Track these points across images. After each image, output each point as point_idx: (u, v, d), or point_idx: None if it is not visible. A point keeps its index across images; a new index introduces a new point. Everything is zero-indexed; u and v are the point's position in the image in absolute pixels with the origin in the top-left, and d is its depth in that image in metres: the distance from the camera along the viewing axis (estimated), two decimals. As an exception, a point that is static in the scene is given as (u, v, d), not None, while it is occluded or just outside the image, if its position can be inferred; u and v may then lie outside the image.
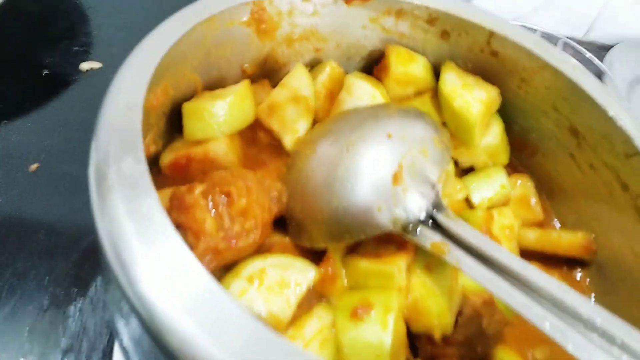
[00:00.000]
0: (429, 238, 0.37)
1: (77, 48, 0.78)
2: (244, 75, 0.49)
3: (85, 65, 0.75)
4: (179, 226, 0.36)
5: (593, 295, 0.46)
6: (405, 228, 0.38)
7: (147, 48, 0.38)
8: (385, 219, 0.38)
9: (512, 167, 0.52)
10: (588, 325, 0.29)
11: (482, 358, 0.41)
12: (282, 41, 0.49)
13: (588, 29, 1.09)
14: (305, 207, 0.41)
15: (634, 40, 1.07)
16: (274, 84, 0.50)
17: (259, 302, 0.37)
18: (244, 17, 0.45)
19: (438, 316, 0.38)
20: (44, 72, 0.73)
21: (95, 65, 0.76)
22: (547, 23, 1.05)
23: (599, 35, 1.08)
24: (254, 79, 0.50)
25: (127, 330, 0.31)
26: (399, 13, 0.49)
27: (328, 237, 0.40)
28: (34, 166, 0.62)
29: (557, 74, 0.46)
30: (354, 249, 0.41)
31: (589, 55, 0.93)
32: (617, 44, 1.06)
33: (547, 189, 0.51)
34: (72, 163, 0.63)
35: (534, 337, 0.42)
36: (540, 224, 0.50)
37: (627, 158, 0.43)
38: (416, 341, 0.40)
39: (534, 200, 0.50)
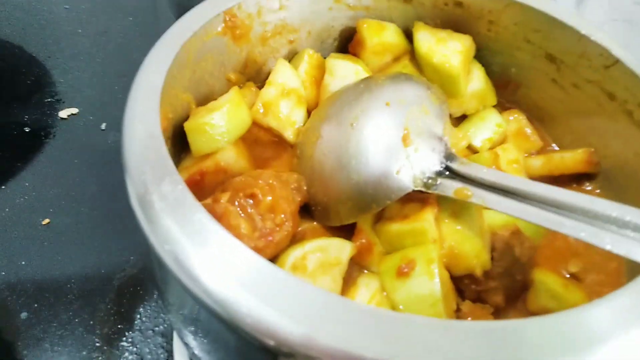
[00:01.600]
0: (451, 187, 0.40)
1: (49, 99, 0.78)
2: (230, 84, 0.51)
3: (63, 114, 0.76)
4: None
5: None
6: (425, 184, 0.40)
7: (146, 78, 0.39)
8: (405, 180, 0.40)
9: (500, 106, 0.54)
10: (620, 224, 0.32)
11: (522, 284, 0.43)
12: (257, 42, 0.51)
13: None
14: (327, 190, 0.43)
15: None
16: (259, 84, 0.52)
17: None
18: (219, 28, 0.46)
19: (476, 256, 0.40)
20: (26, 130, 0.74)
21: (73, 110, 0.76)
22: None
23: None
24: (239, 84, 0.51)
25: (199, 338, 0.33)
26: (361, -13, 0.51)
27: (356, 211, 0.42)
28: (45, 221, 0.62)
29: (523, 8, 0.48)
30: (381, 216, 0.43)
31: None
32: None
33: (537, 118, 0.54)
34: (80, 209, 0.64)
35: (563, 254, 0.45)
36: (541, 151, 0.52)
37: (606, 69, 0.46)
38: (460, 284, 0.42)
39: (529, 130, 0.52)
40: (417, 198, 0.42)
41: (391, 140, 0.41)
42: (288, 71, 0.50)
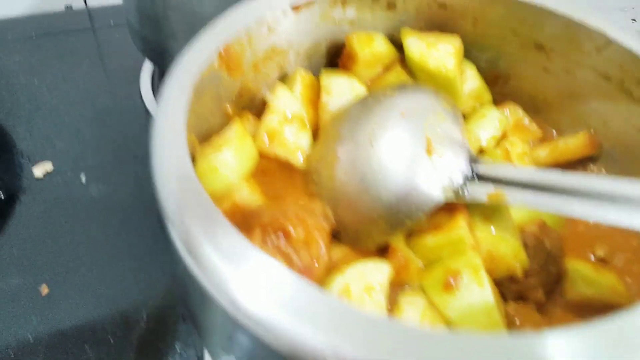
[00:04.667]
0: (482, 192, 0.40)
1: (20, 159, 0.74)
2: (227, 117, 0.49)
3: (38, 172, 0.72)
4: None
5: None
6: (456, 192, 0.40)
7: (168, 120, 0.37)
8: (435, 190, 0.40)
9: (494, 101, 0.55)
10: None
11: (556, 276, 0.43)
12: (250, 70, 0.49)
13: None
14: (356, 212, 0.42)
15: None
16: (256, 112, 0.51)
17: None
18: (216, 63, 0.44)
19: (514, 256, 0.40)
20: (1, 197, 0.69)
21: (48, 167, 0.73)
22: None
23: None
24: (236, 114, 0.50)
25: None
26: (345, 2, 0.50)
27: (389, 229, 0.41)
28: (44, 291, 0.59)
29: (507, 2, 0.49)
30: (411, 230, 0.43)
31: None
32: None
33: (532, 107, 0.54)
34: (76, 270, 0.61)
35: (587, 239, 0.46)
36: (542, 140, 0.53)
37: (598, 52, 0.47)
38: (499, 287, 0.42)
39: (527, 121, 0.53)
40: (445, 206, 0.42)
41: (414, 151, 0.41)
42: (288, 97, 0.48)
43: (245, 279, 0.28)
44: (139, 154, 0.76)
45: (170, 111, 0.38)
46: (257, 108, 0.53)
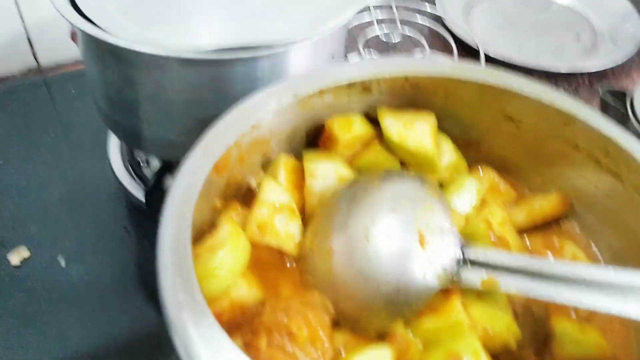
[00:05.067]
0: (475, 278, 0.42)
1: (-8, 247, 0.72)
2: (215, 211, 0.50)
3: (14, 259, 0.70)
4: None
5: (591, 241, 0.53)
6: (451, 280, 0.42)
7: (174, 228, 0.40)
8: (432, 280, 0.42)
9: (467, 163, 0.58)
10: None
11: (545, 337, 0.46)
12: (235, 164, 0.50)
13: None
14: (357, 304, 0.43)
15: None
16: (242, 199, 0.52)
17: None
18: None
19: (508, 331, 0.43)
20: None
21: (24, 253, 0.71)
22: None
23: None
24: (224, 207, 0.51)
25: None
26: (322, 92, 0.52)
27: (390, 319, 0.43)
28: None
29: (478, 86, 0.52)
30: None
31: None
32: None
33: (504, 169, 0.57)
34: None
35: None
36: (518, 200, 0.56)
37: (565, 125, 0.50)
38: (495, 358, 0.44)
39: (502, 185, 0.56)
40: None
41: (408, 245, 0.43)
42: (275, 187, 0.50)
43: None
44: (117, 232, 0.75)
45: (176, 221, 0.40)
46: (243, 195, 0.54)
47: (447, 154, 0.54)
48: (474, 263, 0.43)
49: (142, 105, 0.61)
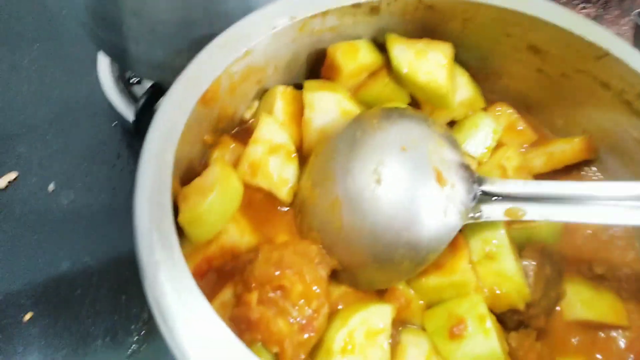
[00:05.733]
0: (498, 210, 0.39)
1: (-23, 169, 0.69)
2: (206, 146, 0.46)
3: (2, 182, 0.67)
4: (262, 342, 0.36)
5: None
6: (473, 216, 0.39)
7: (153, 169, 0.37)
8: (454, 218, 0.38)
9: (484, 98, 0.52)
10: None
11: (556, 298, 0.43)
12: (226, 95, 0.45)
13: None
14: (370, 260, 0.40)
15: None
16: (235, 134, 0.47)
17: (360, 361, 0.37)
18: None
19: (517, 293, 0.40)
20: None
21: (12, 175, 0.68)
22: None
23: None
24: (215, 142, 0.47)
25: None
26: (325, 13, 0.46)
27: (414, 267, 0.39)
28: (27, 316, 0.57)
29: (501, 11, 0.45)
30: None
31: None
32: None
33: (524, 106, 0.52)
34: (59, 293, 0.59)
35: (585, 254, 0.45)
36: (537, 143, 0.51)
37: (598, 59, 0.44)
38: (501, 316, 0.42)
39: (521, 126, 0.51)
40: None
41: (426, 185, 0.38)
42: (272, 125, 0.45)
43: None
44: (108, 157, 0.71)
45: (156, 165, 0.37)
46: (234, 128, 0.49)
47: (463, 89, 0.49)
48: (492, 195, 0.39)
49: (126, 21, 0.55)
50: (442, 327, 0.39)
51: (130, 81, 0.77)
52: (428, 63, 0.46)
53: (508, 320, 0.41)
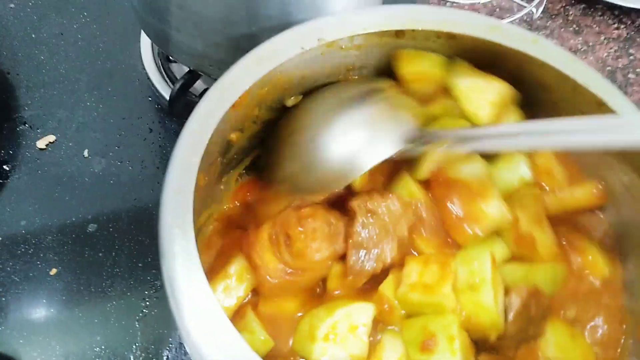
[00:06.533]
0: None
1: (21, 126, 0.74)
2: (230, 144, 0.50)
3: (41, 143, 0.73)
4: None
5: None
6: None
7: (181, 171, 0.41)
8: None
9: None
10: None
11: (535, 336, 0.46)
12: (253, 101, 0.49)
13: None
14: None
15: None
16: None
17: (340, 351, 0.43)
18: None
19: (491, 326, 0.43)
20: (3, 167, 0.71)
21: (51, 138, 0.73)
22: None
23: None
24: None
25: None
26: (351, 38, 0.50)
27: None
28: (53, 271, 0.63)
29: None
30: (402, 282, 0.46)
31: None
32: None
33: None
34: (84, 252, 0.65)
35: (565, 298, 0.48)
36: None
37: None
38: (476, 338, 0.45)
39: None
40: (438, 261, 0.45)
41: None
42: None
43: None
44: (141, 130, 0.76)
45: (184, 166, 0.42)
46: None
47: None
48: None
49: (171, 10, 0.59)
50: (416, 339, 0.43)
51: (169, 58, 0.81)
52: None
53: (480, 345, 0.45)
